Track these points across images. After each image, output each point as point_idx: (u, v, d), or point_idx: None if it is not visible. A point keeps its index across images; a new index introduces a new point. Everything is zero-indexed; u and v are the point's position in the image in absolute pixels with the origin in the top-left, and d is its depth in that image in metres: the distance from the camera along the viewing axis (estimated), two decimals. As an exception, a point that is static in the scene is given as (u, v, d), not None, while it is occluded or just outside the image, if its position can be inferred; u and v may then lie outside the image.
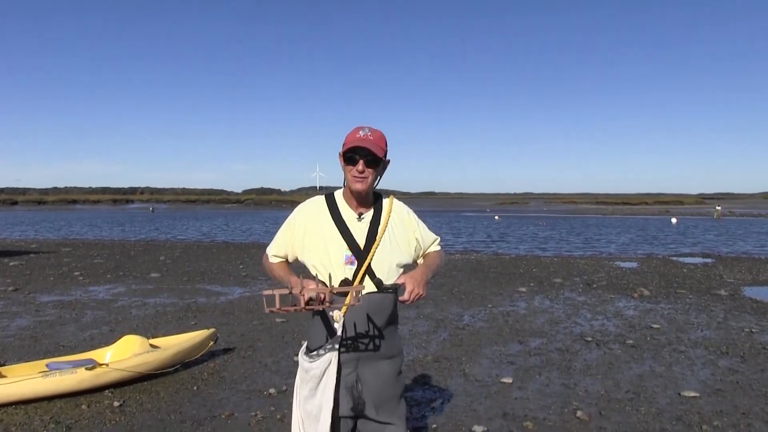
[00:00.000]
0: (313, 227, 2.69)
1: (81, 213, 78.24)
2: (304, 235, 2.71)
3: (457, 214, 75.54)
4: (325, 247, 2.64)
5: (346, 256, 2.62)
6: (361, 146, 2.57)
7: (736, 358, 6.97)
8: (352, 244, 2.63)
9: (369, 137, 2.60)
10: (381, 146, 2.63)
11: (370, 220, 2.69)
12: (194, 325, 8.45)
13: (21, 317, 9.07)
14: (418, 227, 2.84)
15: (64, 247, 22.42)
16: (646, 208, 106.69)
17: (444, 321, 9.04)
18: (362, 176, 2.60)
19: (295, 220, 2.75)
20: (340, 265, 2.61)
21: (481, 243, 27.11)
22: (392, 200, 2.80)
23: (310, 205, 2.77)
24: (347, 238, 2.63)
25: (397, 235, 2.72)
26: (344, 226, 2.66)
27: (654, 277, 14.27)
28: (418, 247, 2.83)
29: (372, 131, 2.64)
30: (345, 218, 2.68)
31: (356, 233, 2.65)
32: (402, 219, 2.79)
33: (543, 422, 4.97)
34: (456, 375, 6.30)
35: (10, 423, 4.85)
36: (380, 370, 2.69)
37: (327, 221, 2.68)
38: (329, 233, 2.65)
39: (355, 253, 2.62)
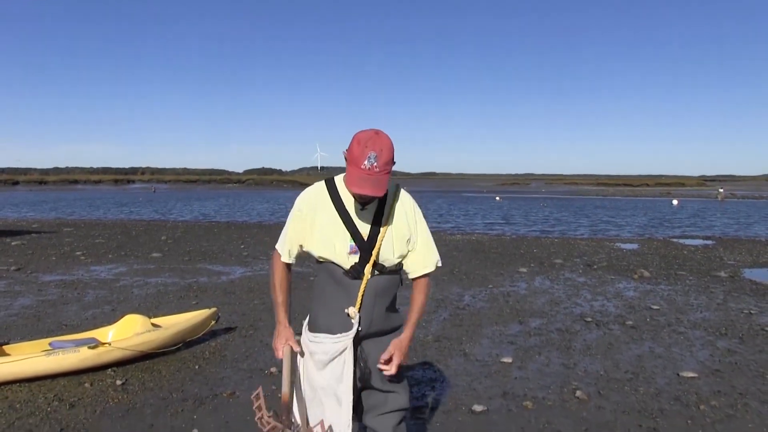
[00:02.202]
0: (316, 217, 2.67)
1: (82, 193, 78.25)
2: (312, 224, 2.68)
3: (457, 194, 75.47)
4: (329, 237, 2.63)
5: (350, 246, 2.62)
6: (365, 195, 2.48)
7: (734, 339, 7.00)
8: (355, 234, 2.62)
9: (375, 169, 2.44)
10: (387, 172, 2.49)
11: (374, 210, 2.64)
12: (195, 304, 8.49)
13: (24, 296, 9.11)
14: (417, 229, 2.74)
15: (66, 227, 22.45)
16: (647, 190, 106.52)
17: (444, 301, 9.07)
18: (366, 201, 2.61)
19: (302, 210, 2.70)
20: (344, 255, 2.63)
21: (482, 223, 27.13)
22: (399, 191, 2.72)
23: (311, 193, 2.73)
24: (350, 227, 2.62)
25: (400, 227, 2.68)
26: (347, 216, 2.63)
27: (654, 259, 14.30)
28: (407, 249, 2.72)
29: (379, 156, 2.44)
30: (347, 207, 2.64)
31: (359, 223, 2.63)
32: (405, 212, 2.71)
33: (542, 402, 5.01)
34: (456, 355, 6.33)
35: (14, 400, 4.89)
36: (383, 342, 2.73)
37: (330, 210, 2.65)
38: (333, 222, 2.63)
39: (359, 243, 2.62)
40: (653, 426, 4.52)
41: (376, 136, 2.48)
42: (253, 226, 24.44)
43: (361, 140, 2.47)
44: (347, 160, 2.52)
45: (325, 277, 2.73)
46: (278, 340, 2.75)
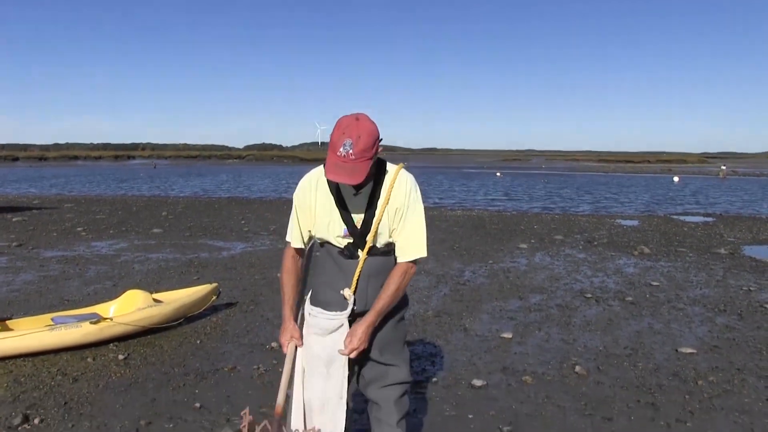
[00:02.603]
0: (316, 202, 2.69)
1: (82, 169, 78.15)
2: (313, 209, 2.70)
3: (458, 170, 75.35)
4: (325, 221, 2.66)
5: (344, 230, 2.64)
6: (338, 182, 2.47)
7: (733, 315, 7.03)
8: (347, 219, 2.63)
9: (350, 157, 2.39)
10: (365, 158, 2.42)
11: (368, 194, 2.63)
12: (197, 280, 8.52)
13: (25, 272, 9.13)
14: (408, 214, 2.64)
15: (67, 203, 22.45)
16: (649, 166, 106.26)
17: (445, 277, 9.10)
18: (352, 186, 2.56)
19: (304, 198, 2.72)
20: (339, 238, 2.66)
21: (483, 199, 27.12)
22: (397, 173, 2.66)
23: (310, 180, 2.72)
24: (343, 212, 2.63)
25: (393, 212, 2.63)
26: (341, 201, 2.64)
27: (655, 236, 14.31)
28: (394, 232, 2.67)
29: (355, 143, 2.39)
30: (343, 192, 2.65)
31: (353, 207, 2.64)
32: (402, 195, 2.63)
33: (542, 377, 5.05)
34: (456, 330, 6.37)
35: (19, 374, 4.93)
36: (381, 322, 2.74)
37: (327, 195, 2.66)
38: (327, 207, 2.66)
39: (351, 229, 2.64)
40: (651, 401, 4.56)
41: (356, 122, 2.44)
42: (254, 201, 24.45)
43: (340, 126, 2.44)
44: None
45: (324, 255, 2.77)
46: (283, 336, 2.77)
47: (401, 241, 2.68)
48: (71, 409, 4.30)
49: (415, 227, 2.67)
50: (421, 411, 4.32)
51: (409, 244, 2.67)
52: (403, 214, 2.64)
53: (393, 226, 2.66)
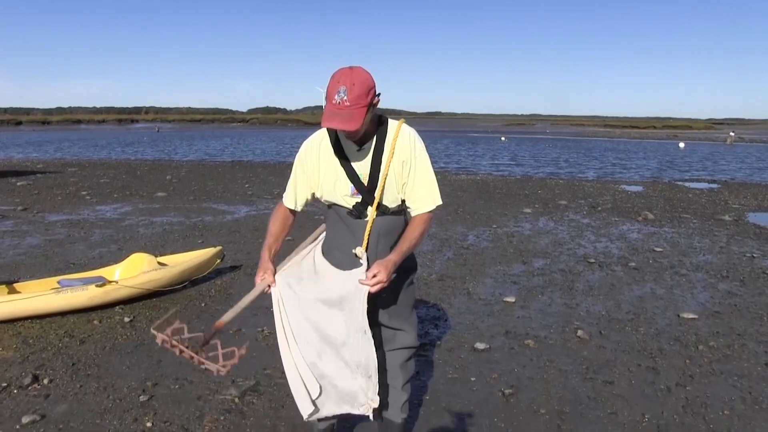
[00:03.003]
0: (320, 163, 2.69)
1: (86, 133, 77.95)
2: (317, 170, 2.70)
3: (462, 134, 74.94)
4: (331, 181, 2.67)
5: (351, 188, 2.65)
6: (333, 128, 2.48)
7: (735, 282, 7.05)
8: (353, 177, 2.63)
9: (345, 103, 2.38)
10: (361, 105, 2.41)
11: (372, 150, 2.62)
12: (201, 243, 8.56)
13: (31, 236, 9.18)
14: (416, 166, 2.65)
15: (71, 167, 22.45)
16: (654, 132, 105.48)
17: (449, 240, 9.12)
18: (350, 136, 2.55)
19: (307, 159, 2.72)
20: (347, 197, 2.67)
21: (487, 164, 27.02)
22: (399, 127, 2.65)
23: (313, 141, 2.73)
24: (348, 171, 2.63)
25: (398, 166, 2.63)
26: (345, 160, 2.64)
27: (659, 201, 14.28)
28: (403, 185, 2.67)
29: (349, 89, 2.38)
30: (346, 150, 2.65)
31: (358, 165, 2.63)
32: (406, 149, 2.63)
33: (544, 340, 5.09)
34: (460, 294, 6.41)
35: (27, 336, 5.00)
36: (391, 283, 2.74)
37: (330, 155, 2.67)
38: (332, 166, 2.66)
39: (357, 186, 2.63)
40: (652, 365, 4.60)
41: (349, 71, 2.44)
42: (258, 165, 24.40)
43: (335, 76, 2.44)
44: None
45: (333, 218, 2.78)
46: (258, 275, 2.72)
47: (415, 193, 2.68)
48: (79, 370, 4.36)
49: (426, 177, 2.69)
50: (424, 374, 4.37)
51: (423, 194, 2.69)
52: (411, 166, 2.65)
53: (403, 180, 2.65)
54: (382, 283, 2.49)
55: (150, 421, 3.64)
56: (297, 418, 3.61)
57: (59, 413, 3.73)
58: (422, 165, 2.68)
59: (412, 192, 2.68)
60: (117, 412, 3.76)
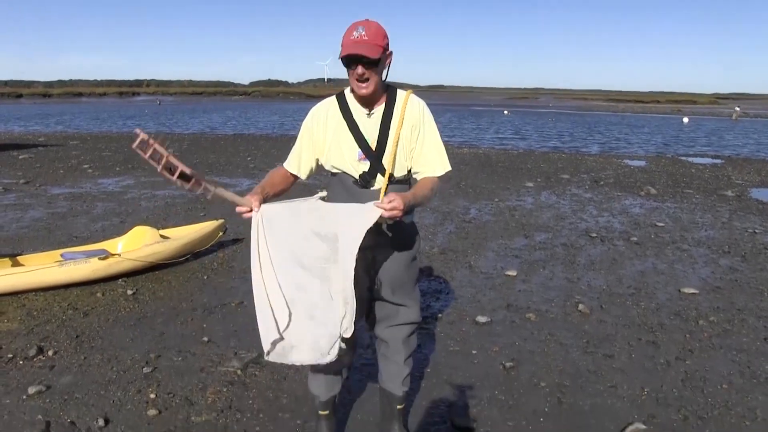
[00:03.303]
0: (327, 129, 2.68)
1: (87, 106, 77.65)
2: (324, 136, 2.69)
3: (465, 108, 74.55)
4: (339, 146, 2.66)
5: (358, 154, 2.63)
6: (355, 53, 2.45)
7: (737, 257, 7.06)
8: (361, 141, 2.62)
9: (363, 38, 2.46)
10: (378, 44, 2.48)
11: (381, 116, 2.63)
12: (203, 216, 8.57)
13: (34, 209, 9.20)
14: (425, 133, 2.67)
15: (72, 140, 22.39)
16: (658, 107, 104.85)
17: (451, 214, 9.12)
18: (364, 79, 2.51)
19: (314, 125, 2.71)
20: (354, 163, 2.64)
21: (490, 137, 26.92)
22: (408, 96, 2.68)
23: (321, 107, 2.73)
24: (357, 136, 2.62)
25: (407, 133, 2.65)
26: (354, 124, 2.63)
27: (662, 176, 14.24)
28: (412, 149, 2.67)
29: (367, 28, 2.48)
30: (355, 116, 2.64)
31: (366, 130, 2.63)
32: (415, 117, 2.66)
33: (545, 314, 5.12)
34: (461, 267, 6.43)
35: (32, 308, 5.03)
36: (395, 255, 2.75)
37: (339, 121, 2.66)
38: (343, 132, 2.65)
39: (365, 150, 2.62)
40: (652, 339, 4.63)
41: (366, 20, 2.54)
42: (260, 138, 24.32)
43: (350, 25, 2.53)
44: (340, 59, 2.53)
45: (337, 188, 2.75)
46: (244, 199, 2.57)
47: (423, 157, 2.69)
48: (83, 342, 4.40)
49: (435, 143, 2.71)
50: (425, 346, 4.40)
51: (432, 158, 2.70)
52: (420, 131, 2.67)
53: (411, 146, 2.66)
54: (397, 211, 2.38)
55: (153, 392, 3.68)
56: (299, 389, 3.66)
57: (64, 384, 3.77)
58: (431, 130, 2.70)
59: (420, 156, 2.68)
60: (121, 383, 3.79)
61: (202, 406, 3.54)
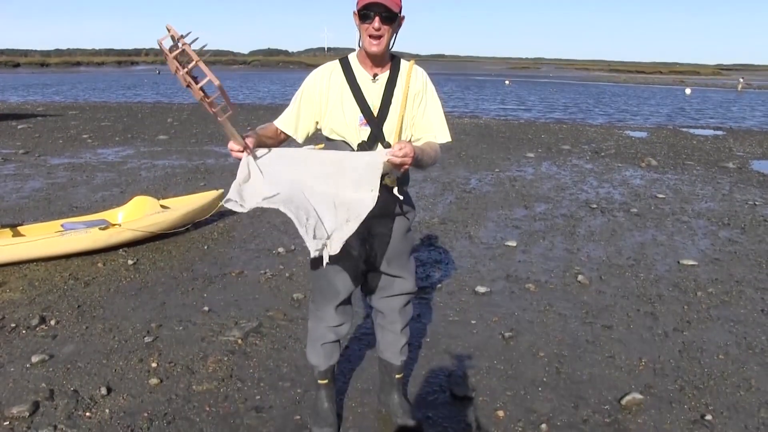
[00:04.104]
0: (330, 91, 2.63)
1: (85, 75, 77.10)
2: (326, 99, 2.63)
3: (466, 77, 74.01)
4: (341, 110, 2.60)
5: (359, 118, 2.59)
6: (376, 1, 2.40)
7: (736, 229, 7.06)
8: (363, 106, 2.58)
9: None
10: (396, 2, 2.46)
11: (385, 82, 2.61)
12: (203, 186, 8.56)
13: (33, 179, 9.18)
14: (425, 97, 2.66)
15: (71, 110, 22.27)
16: (660, 78, 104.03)
17: (451, 184, 9.11)
18: (378, 34, 2.47)
19: (315, 84, 2.65)
20: (355, 127, 2.60)
21: (491, 107, 26.77)
22: (412, 65, 2.66)
23: (324, 69, 2.67)
24: (359, 100, 2.58)
25: (411, 101, 2.63)
26: (357, 88, 2.59)
27: (663, 148, 14.19)
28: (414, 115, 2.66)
29: None
30: (359, 80, 2.60)
31: (369, 95, 2.59)
32: (418, 86, 2.65)
33: (545, 285, 5.14)
34: (461, 237, 6.44)
35: (33, 278, 5.05)
36: (391, 226, 2.75)
37: (342, 84, 2.61)
38: (345, 95, 2.60)
39: (366, 115, 2.59)
40: (650, 311, 4.65)
41: None
42: (260, 107, 24.19)
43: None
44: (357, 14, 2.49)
45: None
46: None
47: (425, 123, 2.68)
48: (84, 312, 4.43)
49: (437, 112, 2.70)
50: (425, 316, 4.43)
51: (434, 127, 2.69)
52: (423, 99, 2.66)
53: (413, 113, 2.64)
54: (408, 158, 2.33)
55: (155, 361, 3.71)
56: (299, 359, 3.69)
57: (67, 353, 3.80)
58: (433, 99, 2.70)
59: (422, 122, 2.67)
60: (122, 352, 3.82)
61: (203, 375, 3.57)
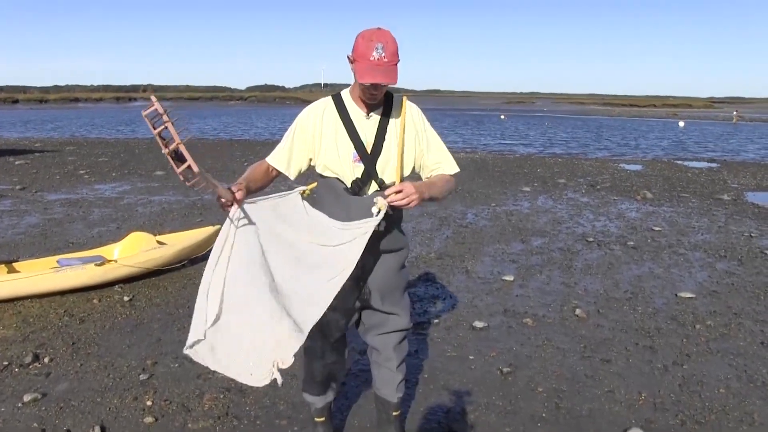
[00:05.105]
0: (323, 128, 2.64)
1: (83, 111, 77.56)
2: (319, 136, 2.64)
3: (462, 113, 74.64)
4: (335, 146, 2.61)
5: (353, 155, 2.60)
6: (380, 82, 2.43)
7: (733, 261, 7.07)
8: (357, 142, 2.60)
9: (383, 61, 2.40)
10: (396, 63, 2.45)
11: (378, 119, 2.63)
12: (200, 222, 8.55)
13: (30, 215, 9.17)
14: (427, 139, 2.70)
15: (69, 145, 22.36)
16: (654, 111, 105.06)
17: (447, 219, 9.12)
18: (376, 95, 2.54)
19: (309, 121, 2.67)
20: (349, 164, 2.60)
21: (487, 142, 26.95)
22: (405, 101, 2.68)
23: (317, 106, 2.69)
24: (353, 136, 2.60)
25: (406, 138, 2.65)
26: (351, 124, 2.61)
27: (658, 180, 14.27)
28: (420, 154, 2.70)
29: (386, 47, 2.41)
30: (352, 117, 2.62)
31: (363, 131, 2.61)
32: (413, 122, 2.67)
33: (542, 319, 5.12)
34: (458, 272, 6.42)
35: (27, 315, 5.02)
36: (385, 262, 2.74)
37: (336, 120, 2.62)
38: (339, 132, 2.61)
39: (360, 151, 2.60)
40: (649, 344, 4.62)
41: (379, 31, 2.46)
42: (257, 143, 24.31)
43: (365, 36, 2.45)
44: (353, 59, 2.47)
45: (326, 192, 2.69)
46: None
47: (433, 157, 2.73)
48: (79, 349, 4.38)
49: (440, 146, 2.77)
50: (422, 352, 4.40)
51: (441, 162, 2.75)
52: (424, 137, 2.71)
53: (414, 152, 2.68)
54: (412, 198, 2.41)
55: (150, 399, 3.66)
56: (296, 396, 3.65)
57: (60, 391, 3.75)
58: (433, 134, 2.75)
59: (429, 156, 2.71)
60: (117, 390, 3.78)
61: (198, 413, 3.52)
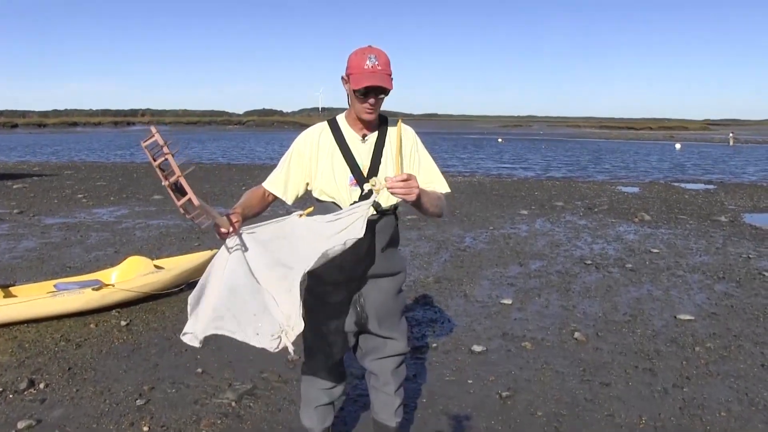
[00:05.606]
0: (319, 152, 2.65)
1: (82, 135, 77.78)
2: (315, 160, 2.66)
3: (459, 136, 74.99)
4: (331, 171, 2.62)
5: (350, 178, 2.61)
6: (375, 85, 2.46)
7: (732, 283, 7.06)
8: (353, 166, 2.61)
9: (377, 68, 2.46)
10: (389, 73, 2.51)
11: (374, 142, 2.64)
12: (197, 246, 8.54)
13: (27, 239, 9.16)
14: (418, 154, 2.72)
15: (67, 170, 22.40)
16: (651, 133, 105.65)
17: (445, 242, 9.12)
18: (373, 108, 2.55)
19: (304, 146, 2.68)
20: (346, 188, 2.61)
21: (484, 165, 27.04)
22: (400, 124, 2.69)
23: (313, 131, 2.71)
24: (349, 160, 2.61)
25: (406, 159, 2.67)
26: (347, 148, 2.62)
27: (655, 203, 14.30)
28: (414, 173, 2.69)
29: (378, 57, 2.48)
30: (348, 141, 2.64)
31: (359, 155, 2.62)
32: (407, 143, 2.70)
33: (541, 342, 5.09)
34: (456, 296, 6.41)
35: (23, 340, 4.98)
36: (382, 287, 2.73)
37: (332, 145, 2.64)
38: (335, 156, 2.63)
39: (356, 175, 2.61)
40: (649, 367, 4.60)
41: (370, 47, 2.54)
42: (255, 167, 24.37)
43: (357, 51, 2.52)
44: (348, 73, 2.51)
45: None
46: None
47: (426, 176, 2.72)
48: (75, 375, 4.35)
49: (432, 166, 2.77)
50: (420, 376, 4.37)
51: (435, 179, 2.75)
52: (417, 158, 2.72)
53: (412, 167, 2.68)
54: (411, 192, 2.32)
55: (147, 425, 3.63)
56: (294, 421, 3.62)
57: (55, 418, 3.72)
58: (425, 155, 2.77)
59: (421, 175, 2.67)
60: (113, 416, 3.75)
61: (195, 439, 3.49)
